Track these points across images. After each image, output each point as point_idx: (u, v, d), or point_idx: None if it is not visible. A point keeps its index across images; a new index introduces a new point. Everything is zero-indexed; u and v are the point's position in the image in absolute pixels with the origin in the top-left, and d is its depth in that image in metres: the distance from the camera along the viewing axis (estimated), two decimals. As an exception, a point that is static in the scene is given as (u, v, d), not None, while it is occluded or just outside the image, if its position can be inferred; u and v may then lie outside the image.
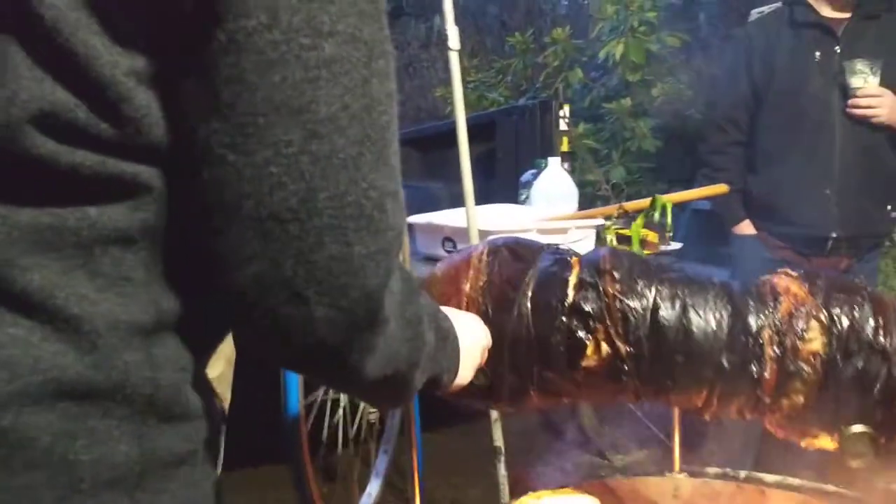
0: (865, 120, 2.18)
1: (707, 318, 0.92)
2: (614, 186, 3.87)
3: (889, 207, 2.32)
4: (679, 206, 3.47)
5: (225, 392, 1.47)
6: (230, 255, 0.52)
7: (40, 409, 0.51)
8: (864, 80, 2.15)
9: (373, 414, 2.01)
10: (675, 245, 2.38)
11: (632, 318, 0.92)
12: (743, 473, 1.26)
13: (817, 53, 2.23)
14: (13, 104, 0.49)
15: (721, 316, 0.92)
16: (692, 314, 0.92)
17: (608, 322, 0.92)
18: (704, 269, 1.08)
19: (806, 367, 0.92)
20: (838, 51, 2.21)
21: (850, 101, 2.17)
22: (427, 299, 0.73)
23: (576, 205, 2.33)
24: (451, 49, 1.74)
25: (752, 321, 0.93)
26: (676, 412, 1.16)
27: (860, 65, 2.15)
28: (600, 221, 2.12)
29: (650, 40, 3.85)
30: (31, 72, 0.49)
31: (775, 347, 0.92)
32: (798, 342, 0.92)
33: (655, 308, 0.92)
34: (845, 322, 0.93)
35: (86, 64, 0.49)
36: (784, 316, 0.93)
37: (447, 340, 0.78)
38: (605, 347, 0.93)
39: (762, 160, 2.35)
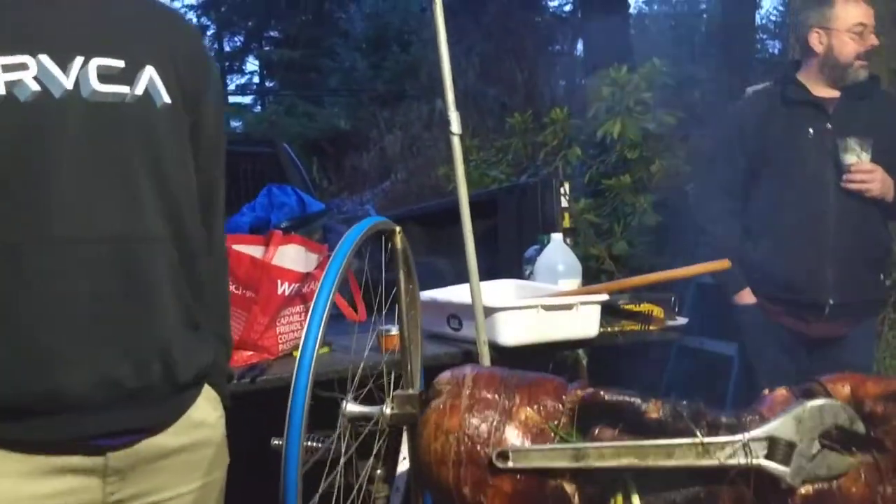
0: (859, 193, 2.26)
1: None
2: (616, 260, 3.88)
3: (882, 276, 2.39)
4: (684, 281, 3.49)
5: None
6: None
7: None
8: (857, 156, 2.26)
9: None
10: (682, 320, 2.38)
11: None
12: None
13: (810, 130, 2.33)
14: None
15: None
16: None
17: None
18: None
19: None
20: (829, 127, 2.31)
21: (845, 177, 2.27)
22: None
23: (580, 279, 2.34)
24: (452, 133, 1.80)
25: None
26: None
27: (853, 142, 2.26)
28: (605, 297, 2.13)
29: (646, 119, 3.93)
30: None
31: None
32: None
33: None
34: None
35: None
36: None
37: None
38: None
39: (758, 229, 2.40)
